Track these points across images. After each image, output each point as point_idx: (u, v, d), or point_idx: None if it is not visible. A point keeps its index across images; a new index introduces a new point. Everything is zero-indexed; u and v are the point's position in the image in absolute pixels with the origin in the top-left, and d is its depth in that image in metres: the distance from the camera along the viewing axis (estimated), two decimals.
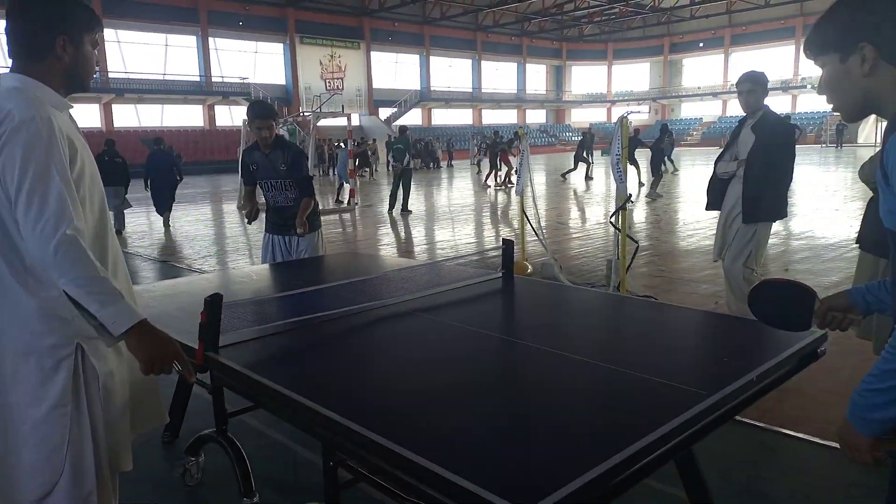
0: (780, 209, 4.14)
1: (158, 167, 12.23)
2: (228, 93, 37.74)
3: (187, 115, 37.40)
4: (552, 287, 3.46)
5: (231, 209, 15.85)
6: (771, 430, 3.20)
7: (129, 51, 34.45)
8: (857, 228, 3.30)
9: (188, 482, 2.81)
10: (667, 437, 1.49)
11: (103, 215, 1.84)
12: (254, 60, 39.76)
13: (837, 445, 2.71)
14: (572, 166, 20.92)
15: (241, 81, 38.54)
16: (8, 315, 1.68)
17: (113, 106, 34.32)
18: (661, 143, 14.98)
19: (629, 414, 1.63)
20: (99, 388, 1.77)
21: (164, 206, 12.30)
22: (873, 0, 1.27)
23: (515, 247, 3.40)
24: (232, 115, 39.18)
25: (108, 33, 32.45)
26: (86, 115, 33.22)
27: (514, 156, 17.94)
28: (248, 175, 4.24)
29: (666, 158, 17.12)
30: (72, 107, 1.83)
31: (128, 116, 35.21)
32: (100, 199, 1.84)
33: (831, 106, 1.42)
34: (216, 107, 38.60)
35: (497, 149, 21.00)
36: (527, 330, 2.48)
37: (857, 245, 3.22)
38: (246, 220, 4.34)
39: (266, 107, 4.12)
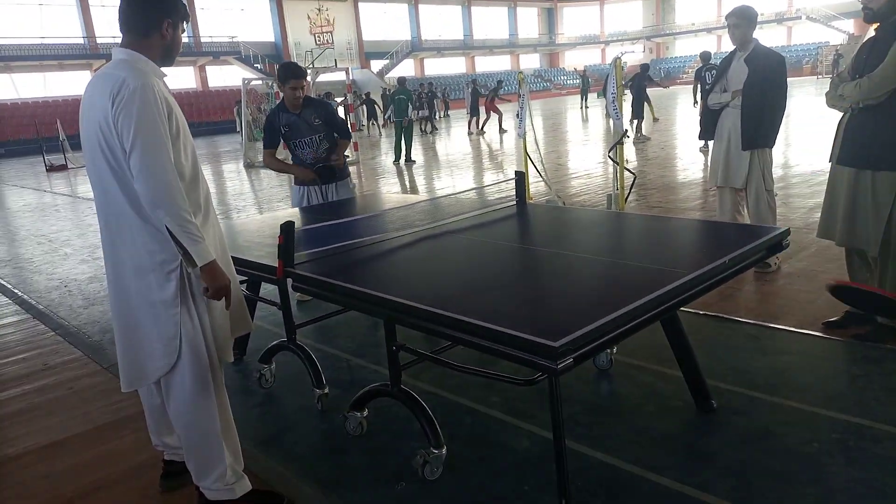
0: (773, 137, 4.50)
1: None
2: (219, 52, 37.40)
3: (180, 78, 37.14)
4: (561, 209, 3.92)
5: (232, 168, 16.18)
6: (755, 324, 3.71)
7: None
8: None
9: (264, 385, 3.34)
10: (653, 301, 1.97)
11: (195, 161, 2.27)
12: (241, 18, 39.26)
13: (814, 332, 3.23)
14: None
15: (231, 41, 38.17)
16: (128, 237, 2.14)
17: None
18: (643, 83, 14.85)
19: (625, 288, 2.10)
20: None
21: None
22: None
23: None
24: (224, 76, 38.93)
25: None
26: (79, 81, 33.16)
27: (507, 102, 17.95)
28: (276, 137, 4.39)
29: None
30: (166, 75, 2.25)
31: None
32: (192, 149, 2.26)
33: None
34: (207, 67, 38.35)
35: (479, 96, 21.01)
36: (542, 239, 2.95)
37: (832, 162, 3.56)
38: (315, 181, 4.47)
39: (298, 67, 4.36)
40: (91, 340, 4.37)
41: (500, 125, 20.88)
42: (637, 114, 14.20)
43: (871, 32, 3.33)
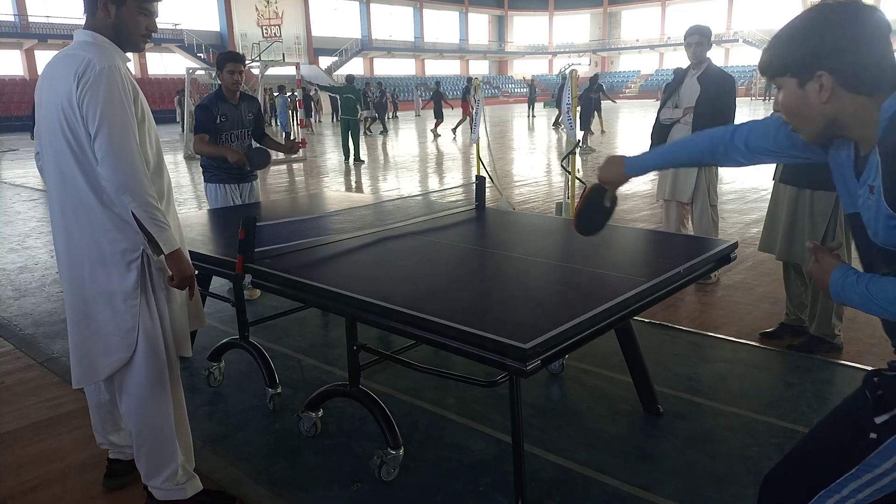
0: None
1: None
2: (160, 39, 36.08)
3: None
4: (517, 215, 3.98)
5: (170, 160, 15.67)
6: (698, 333, 3.86)
7: None
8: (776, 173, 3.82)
9: (212, 384, 3.25)
10: (617, 306, 2.03)
11: (159, 148, 2.20)
12: (185, 5, 38.04)
13: (752, 342, 3.37)
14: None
15: (174, 27, 36.94)
16: (86, 225, 2.05)
17: (35, 52, 32.57)
18: (591, 95, 15.32)
19: (587, 293, 2.16)
20: (163, 285, 2.17)
21: None
22: (831, 27, 1.23)
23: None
24: (164, 64, 37.65)
25: None
26: (8, 61, 31.64)
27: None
28: (210, 123, 4.26)
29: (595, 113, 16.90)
30: (129, 60, 2.17)
31: None
32: (156, 135, 2.20)
33: (791, 127, 1.38)
34: (147, 54, 36.99)
35: (441, 98, 21.28)
36: (503, 243, 2.99)
37: (775, 181, 3.74)
38: (248, 167, 4.43)
39: (237, 53, 4.40)
40: (23, 333, 4.15)
41: (455, 128, 21.10)
42: (584, 125, 14.57)
43: None
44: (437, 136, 20.18)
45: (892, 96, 1.22)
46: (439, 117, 20.98)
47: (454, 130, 20.83)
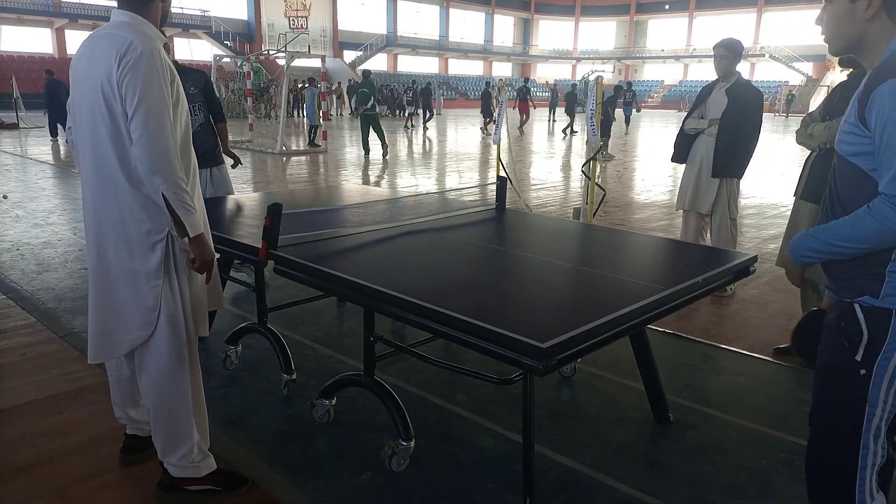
0: (743, 168, 4.67)
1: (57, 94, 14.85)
2: (188, 25, 36.45)
3: None
4: (537, 217, 3.99)
5: None
6: (710, 345, 3.86)
7: None
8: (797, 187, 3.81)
9: (228, 367, 3.30)
10: (635, 312, 2.05)
11: (188, 128, 2.24)
12: None
13: (764, 357, 3.39)
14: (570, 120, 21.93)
15: (202, 14, 37.24)
16: (114, 203, 2.09)
17: (66, 31, 33.00)
18: (615, 104, 15.48)
19: (605, 298, 2.18)
20: (185, 266, 2.21)
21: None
22: None
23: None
24: (192, 49, 37.96)
25: None
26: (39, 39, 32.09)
27: (533, 105, 19.77)
28: None
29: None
30: (166, 40, 2.22)
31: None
32: (186, 118, 2.24)
33: (824, 36, 1.60)
34: (175, 39, 37.32)
35: (491, 98, 22.03)
36: (523, 244, 3.01)
37: (797, 197, 3.73)
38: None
39: None
40: (45, 307, 4.23)
41: (485, 126, 21.45)
42: (604, 131, 14.54)
43: (835, 77, 3.53)
44: (487, 134, 20.75)
45: None
46: (487, 116, 21.75)
47: (520, 129, 21.90)
